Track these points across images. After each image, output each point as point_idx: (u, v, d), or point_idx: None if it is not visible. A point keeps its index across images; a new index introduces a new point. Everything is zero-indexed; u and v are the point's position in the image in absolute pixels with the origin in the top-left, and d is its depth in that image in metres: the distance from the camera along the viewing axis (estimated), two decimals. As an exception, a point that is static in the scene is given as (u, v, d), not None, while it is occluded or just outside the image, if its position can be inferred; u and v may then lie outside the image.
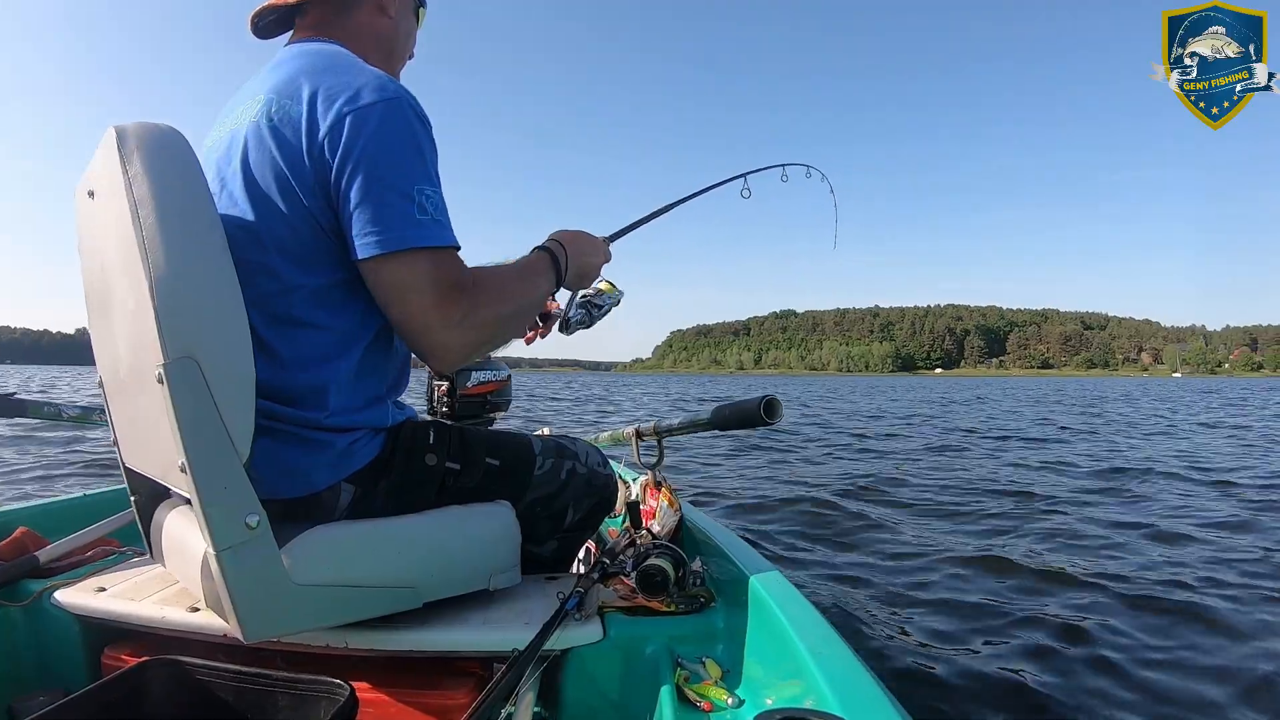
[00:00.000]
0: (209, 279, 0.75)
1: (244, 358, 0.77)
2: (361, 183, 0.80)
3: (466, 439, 1.02)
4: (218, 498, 0.74)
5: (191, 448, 0.72)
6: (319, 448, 0.89)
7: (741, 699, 0.83)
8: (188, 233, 0.74)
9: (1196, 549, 3.35)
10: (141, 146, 0.73)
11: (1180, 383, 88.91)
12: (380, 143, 0.81)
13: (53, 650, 1.04)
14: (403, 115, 0.83)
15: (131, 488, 1.01)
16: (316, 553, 0.84)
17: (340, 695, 0.73)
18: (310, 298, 0.87)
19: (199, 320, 0.74)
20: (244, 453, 0.75)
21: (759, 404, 1.25)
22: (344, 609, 0.87)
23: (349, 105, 0.81)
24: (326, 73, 0.85)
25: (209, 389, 0.72)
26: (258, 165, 0.85)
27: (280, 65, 0.91)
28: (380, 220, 0.80)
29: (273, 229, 0.85)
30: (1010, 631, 2.33)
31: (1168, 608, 2.53)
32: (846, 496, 4.73)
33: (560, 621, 0.88)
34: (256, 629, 0.78)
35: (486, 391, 1.71)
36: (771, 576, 1.01)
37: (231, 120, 0.92)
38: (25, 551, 1.13)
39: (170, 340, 0.71)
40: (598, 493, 1.17)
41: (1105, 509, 4.41)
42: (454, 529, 0.97)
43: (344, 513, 0.91)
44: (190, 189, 0.76)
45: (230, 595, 0.75)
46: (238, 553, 0.75)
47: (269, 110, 0.85)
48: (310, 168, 0.82)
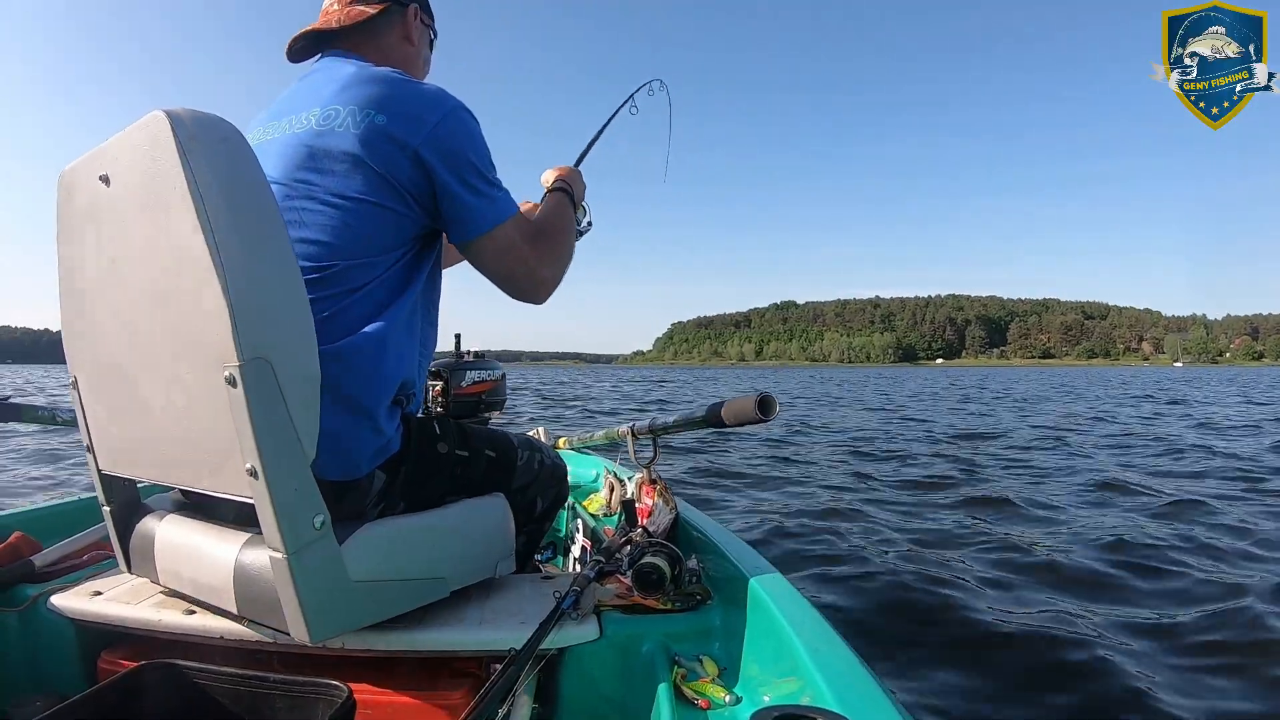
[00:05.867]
0: (281, 278, 0.74)
1: (311, 357, 0.77)
2: (463, 179, 0.95)
3: (465, 430, 1.08)
4: (289, 500, 0.73)
5: (266, 451, 0.70)
6: (371, 432, 0.92)
7: (739, 696, 0.83)
8: (261, 230, 0.73)
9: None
10: (201, 136, 0.69)
11: (1217, 373, 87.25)
12: (469, 141, 0.97)
13: (48, 655, 1.03)
14: (471, 117, 0.99)
15: (107, 496, 0.99)
16: (368, 549, 0.85)
17: (338, 697, 0.73)
18: (369, 294, 0.93)
19: (272, 320, 0.72)
20: (311, 454, 0.75)
21: (755, 401, 1.26)
22: (390, 604, 0.88)
23: (436, 115, 0.94)
24: (397, 86, 0.96)
25: (280, 390, 0.72)
26: (327, 165, 0.91)
27: (335, 78, 0.97)
28: (482, 206, 0.97)
29: (345, 223, 0.91)
30: (1012, 629, 2.33)
31: (1182, 612, 2.52)
32: (847, 497, 4.74)
33: (557, 620, 0.89)
34: (322, 630, 0.78)
35: (480, 391, 1.71)
36: (768, 573, 1.02)
37: (282, 126, 0.98)
38: (20, 556, 1.12)
39: (245, 341, 0.69)
40: (558, 483, 1.25)
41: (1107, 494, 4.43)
42: (471, 520, 1.01)
43: (375, 499, 0.95)
44: (259, 185, 0.74)
45: (299, 597, 0.75)
46: (305, 554, 0.75)
47: (340, 117, 0.92)
48: (406, 165, 0.92)
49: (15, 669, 1.04)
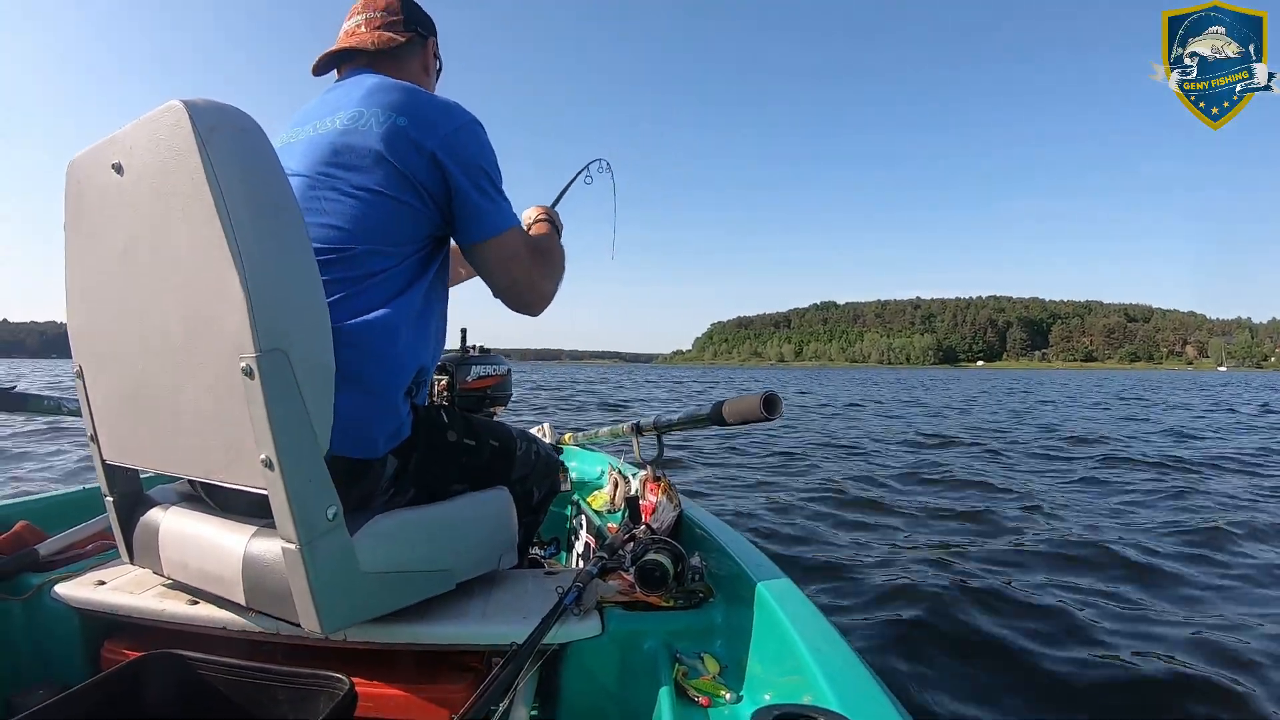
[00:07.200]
0: (298, 269, 0.75)
1: (326, 348, 0.77)
2: (475, 183, 1.00)
3: (470, 420, 1.12)
4: (304, 491, 0.73)
5: (281, 441, 0.71)
6: (386, 414, 0.94)
7: (740, 694, 0.83)
8: (279, 222, 0.73)
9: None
10: (221, 128, 0.69)
11: (1261, 378, 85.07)
12: (481, 150, 1.02)
13: (52, 644, 1.04)
14: (483, 130, 1.04)
15: (110, 486, 0.99)
16: (379, 540, 0.85)
17: (340, 689, 0.73)
18: (384, 281, 0.96)
19: (289, 311, 0.73)
20: (325, 445, 0.76)
21: (759, 399, 1.25)
22: (398, 595, 0.88)
23: (453, 124, 0.99)
24: (418, 95, 1.01)
25: (296, 381, 0.72)
26: (351, 160, 0.95)
27: (361, 86, 1.02)
28: (492, 210, 1.02)
29: (364, 212, 0.95)
30: (1013, 628, 2.33)
31: (1181, 611, 2.52)
32: (847, 496, 4.73)
33: (559, 616, 0.89)
34: (333, 620, 0.79)
35: (486, 386, 1.70)
36: (771, 572, 1.02)
37: (308, 130, 1.02)
38: (25, 545, 1.13)
39: (262, 332, 0.69)
40: (552, 473, 1.29)
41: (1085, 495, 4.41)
42: (477, 512, 1.02)
43: (388, 483, 0.96)
44: (278, 177, 0.75)
45: (311, 588, 0.75)
46: (318, 545, 0.75)
47: (365, 118, 0.97)
48: (424, 165, 0.97)
49: (19, 657, 1.04)
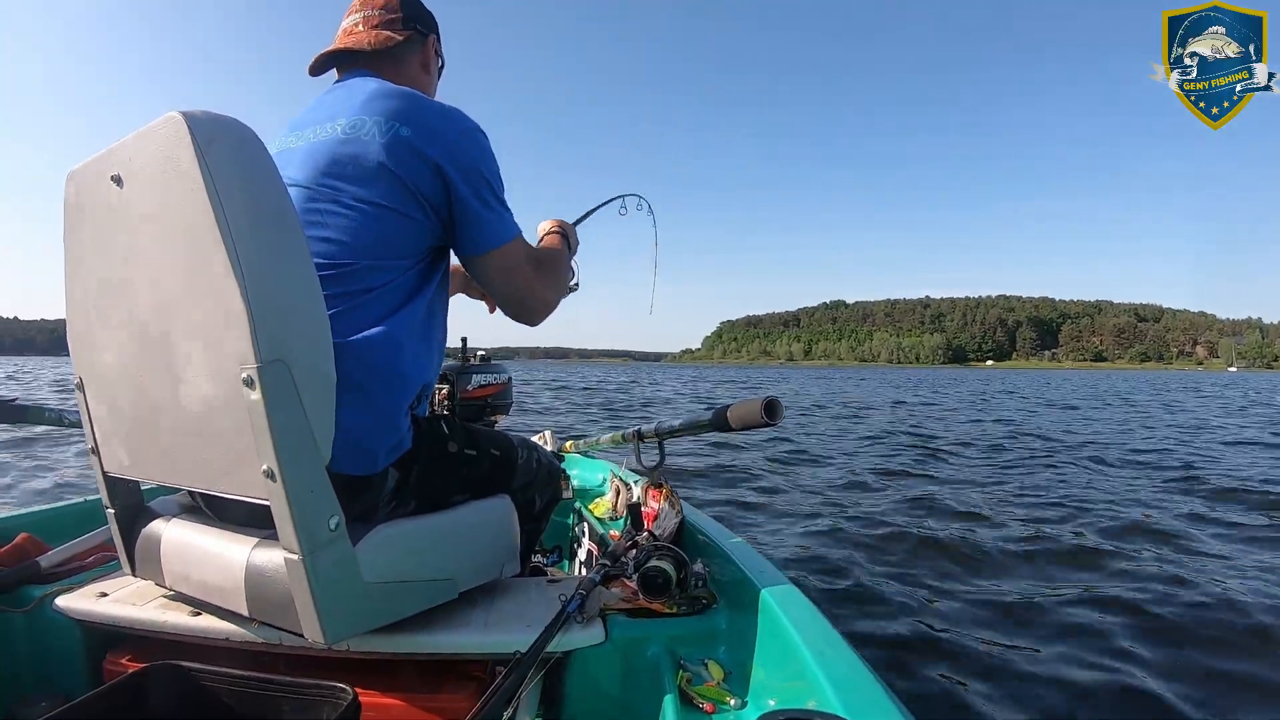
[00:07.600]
0: (298, 280, 0.75)
1: (327, 359, 0.77)
2: (477, 191, 0.99)
3: (471, 430, 1.11)
4: (306, 501, 0.73)
5: (283, 452, 0.71)
6: (388, 429, 0.94)
7: (744, 700, 0.83)
8: (280, 232, 0.73)
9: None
10: (220, 139, 0.69)
11: (1271, 379, 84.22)
12: (483, 159, 1.01)
13: (54, 656, 1.04)
14: (486, 138, 1.03)
15: (111, 498, 0.99)
16: (381, 550, 0.85)
17: (343, 699, 0.72)
18: (385, 295, 0.95)
19: (290, 322, 0.73)
20: (326, 455, 0.76)
21: (761, 405, 1.25)
22: (401, 605, 0.88)
23: (456, 130, 0.98)
24: (419, 101, 0.99)
25: (297, 391, 0.72)
26: (353, 171, 0.94)
27: (360, 92, 1.01)
28: (494, 221, 1.01)
29: (365, 226, 0.94)
30: (1017, 631, 2.32)
31: (1178, 615, 2.51)
32: (848, 496, 4.73)
33: (562, 624, 0.89)
34: (336, 631, 0.78)
35: (487, 394, 1.70)
36: (774, 577, 1.01)
37: (306, 135, 1.00)
38: (27, 557, 1.13)
39: (263, 343, 0.69)
40: (554, 481, 1.28)
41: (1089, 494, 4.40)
42: (479, 521, 1.02)
43: (389, 496, 0.95)
44: (277, 188, 0.75)
45: (314, 599, 0.75)
46: (320, 555, 0.75)
47: (366, 127, 0.95)
48: (428, 175, 0.95)
49: (22, 669, 1.04)
